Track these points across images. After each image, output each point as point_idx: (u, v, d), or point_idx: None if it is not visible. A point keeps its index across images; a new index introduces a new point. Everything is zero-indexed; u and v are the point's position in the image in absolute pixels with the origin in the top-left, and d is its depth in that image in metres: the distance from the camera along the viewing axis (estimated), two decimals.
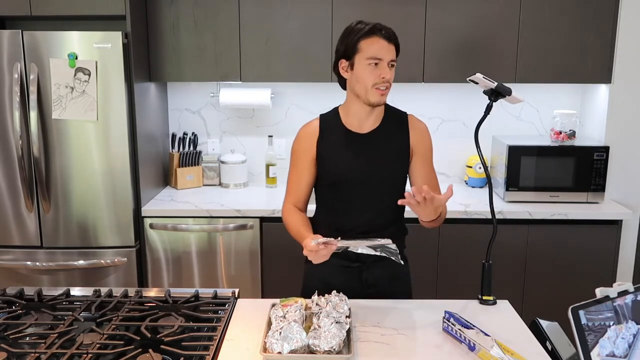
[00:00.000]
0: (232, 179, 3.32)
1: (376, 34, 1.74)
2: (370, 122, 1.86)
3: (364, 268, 1.89)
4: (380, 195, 1.86)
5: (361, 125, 1.86)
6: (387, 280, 1.90)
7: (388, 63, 1.76)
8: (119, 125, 2.77)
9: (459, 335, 1.53)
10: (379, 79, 1.75)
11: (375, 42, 1.74)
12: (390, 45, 1.75)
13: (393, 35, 1.77)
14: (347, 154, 1.85)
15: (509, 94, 1.82)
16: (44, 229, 2.86)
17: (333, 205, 1.91)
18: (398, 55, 1.80)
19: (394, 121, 1.89)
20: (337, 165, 1.85)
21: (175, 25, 3.00)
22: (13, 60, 2.69)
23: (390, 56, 1.76)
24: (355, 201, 1.87)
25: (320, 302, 1.60)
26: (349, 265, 1.88)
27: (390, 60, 1.76)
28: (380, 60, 1.74)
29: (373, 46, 1.74)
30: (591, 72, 3.02)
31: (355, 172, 1.84)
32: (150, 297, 1.80)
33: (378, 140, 1.86)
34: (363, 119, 1.85)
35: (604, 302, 1.21)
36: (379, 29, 1.75)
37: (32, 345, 1.50)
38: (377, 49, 1.74)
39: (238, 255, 2.95)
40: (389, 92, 1.80)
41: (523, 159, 2.97)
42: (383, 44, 1.74)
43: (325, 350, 1.42)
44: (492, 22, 2.98)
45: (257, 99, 3.20)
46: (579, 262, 2.91)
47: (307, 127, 1.92)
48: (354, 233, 1.82)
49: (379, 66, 1.74)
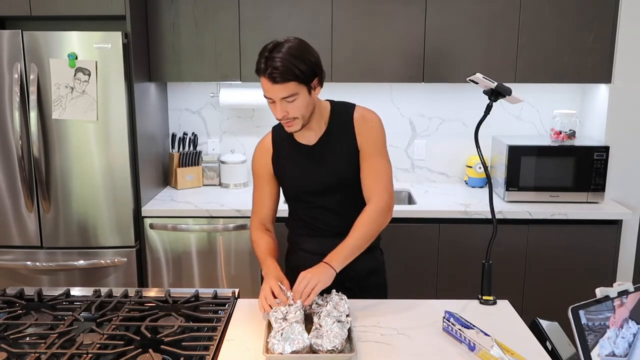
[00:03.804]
0: (232, 179, 3.31)
1: (261, 74, 1.66)
2: (313, 134, 1.85)
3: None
4: (343, 200, 1.87)
5: (307, 139, 1.86)
6: (364, 274, 1.92)
7: (280, 102, 1.68)
8: (119, 125, 2.77)
9: (459, 335, 1.53)
10: (279, 115, 1.72)
11: (263, 82, 1.67)
12: (276, 85, 1.64)
13: (282, 74, 1.62)
14: (300, 168, 1.87)
15: (509, 94, 1.82)
16: (44, 229, 2.86)
17: (302, 213, 1.94)
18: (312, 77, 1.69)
19: (339, 124, 1.85)
20: (294, 179, 1.88)
21: (175, 25, 3.00)
22: (13, 60, 2.69)
23: (278, 94, 1.66)
24: (321, 209, 1.89)
25: (320, 301, 1.59)
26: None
27: (280, 98, 1.66)
28: (271, 99, 1.69)
29: (264, 86, 1.68)
30: (591, 72, 3.02)
31: (312, 184, 1.86)
32: (150, 297, 1.80)
33: (326, 150, 1.85)
34: (303, 134, 1.84)
35: (604, 302, 1.21)
36: (264, 69, 1.64)
37: (32, 346, 1.50)
38: (266, 90, 1.68)
39: (238, 255, 2.95)
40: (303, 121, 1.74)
41: (523, 159, 2.97)
42: (268, 86, 1.66)
43: (328, 350, 1.42)
44: (492, 22, 2.98)
45: (257, 99, 3.20)
46: (579, 262, 2.91)
47: (261, 145, 1.94)
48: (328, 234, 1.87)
49: (274, 104, 1.70)
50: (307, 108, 1.73)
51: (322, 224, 1.91)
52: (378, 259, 2.00)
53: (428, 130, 3.42)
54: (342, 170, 1.85)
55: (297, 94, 1.68)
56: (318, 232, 1.91)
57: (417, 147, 3.43)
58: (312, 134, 1.85)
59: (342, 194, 1.87)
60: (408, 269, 2.87)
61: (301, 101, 1.70)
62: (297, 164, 1.87)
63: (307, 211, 1.92)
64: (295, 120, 1.73)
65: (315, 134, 1.85)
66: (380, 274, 2.01)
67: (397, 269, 2.66)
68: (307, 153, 1.86)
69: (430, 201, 3.04)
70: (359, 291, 1.88)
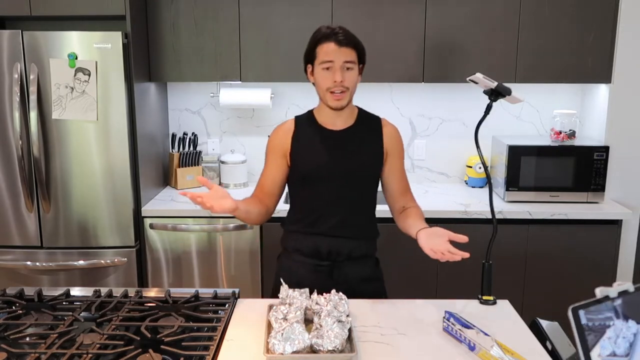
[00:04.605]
0: (232, 179, 3.32)
1: (329, 39, 1.77)
2: (342, 121, 1.90)
3: (335, 266, 1.90)
4: (351, 193, 1.89)
5: (334, 123, 1.90)
6: (356, 281, 1.91)
7: (342, 66, 1.77)
8: (119, 125, 2.77)
9: (459, 335, 1.53)
10: (331, 82, 1.78)
11: (328, 47, 1.78)
12: (342, 48, 1.77)
13: (348, 38, 1.78)
14: (320, 149, 1.88)
15: (509, 94, 1.82)
16: (44, 229, 2.86)
17: (303, 205, 1.93)
18: (364, 61, 1.85)
19: (367, 123, 1.93)
20: (309, 159, 1.88)
21: (175, 25, 3.00)
22: (13, 60, 2.69)
23: (342, 58, 1.77)
24: (325, 199, 1.88)
25: (321, 301, 1.60)
26: (320, 264, 1.90)
27: (343, 61, 1.77)
28: (332, 62, 1.77)
29: (325, 51, 1.78)
30: (591, 72, 3.02)
31: (327, 167, 1.87)
32: (150, 297, 1.80)
33: (352, 138, 1.89)
34: (333, 118, 1.89)
35: (604, 302, 1.21)
36: (334, 34, 1.77)
37: (32, 346, 1.50)
38: (327, 53, 1.78)
39: (238, 255, 2.95)
40: (349, 96, 1.82)
41: (523, 159, 2.97)
42: (334, 48, 1.77)
43: (329, 350, 1.42)
44: (492, 22, 2.98)
45: (257, 99, 3.20)
46: (579, 262, 2.91)
47: (281, 126, 1.97)
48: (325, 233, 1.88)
49: (331, 70, 1.78)
50: (355, 85, 1.83)
51: (320, 220, 1.89)
52: (372, 267, 1.99)
53: (428, 130, 3.42)
54: (364, 160, 1.89)
55: (354, 64, 1.80)
56: (314, 230, 1.89)
57: (417, 147, 3.43)
58: (341, 121, 1.89)
59: (352, 187, 1.88)
60: (408, 269, 2.86)
61: (354, 74, 1.82)
62: (318, 145, 1.89)
63: (310, 201, 1.91)
64: (346, 92, 1.80)
65: (343, 121, 1.89)
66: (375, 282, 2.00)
67: (397, 269, 2.66)
68: (331, 137, 1.89)
69: (430, 201, 3.04)
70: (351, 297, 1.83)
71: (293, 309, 1.54)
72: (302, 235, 1.93)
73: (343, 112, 1.88)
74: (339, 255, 1.89)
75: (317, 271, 1.90)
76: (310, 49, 1.82)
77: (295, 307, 1.55)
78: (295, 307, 1.55)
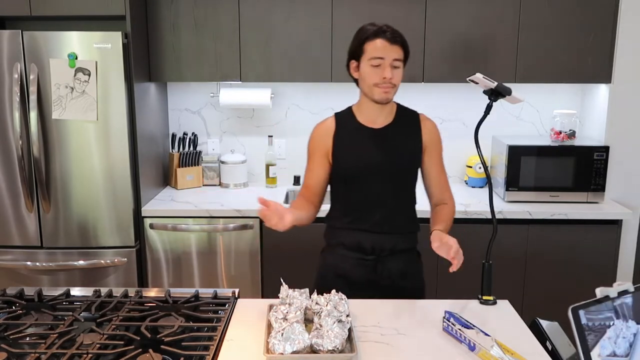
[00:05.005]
0: (232, 179, 3.31)
1: (379, 36, 1.80)
2: (382, 118, 1.92)
3: (379, 261, 1.94)
4: (392, 190, 1.92)
5: (374, 121, 1.92)
6: (398, 275, 1.95)
7: (390, 63, 1.79)
8: (119, 125, 2.77)
9: (459, 335, 1.53)
10: (379, 78, 1.80)
11: (378, 43, 1.80)
12: (392, 45, 1.79)
13: (398, 37, 1.81)
14: (361, 147, 1.91)
15: (509, 94, 1.82)
16: (44, 229, 2.86)
17: (346, 202, 1.96)
18: (407, 58, 1.86)
19: (406, 119, 1.96)
20: (351, 158, 1.92)
21: (175, 25, 3.00)
22: (13, 60, 2.69)
23: (392, 55, 1.79)
24: (367, 197, 1.92)
25: (321, 301, 1.60)
26: (364, 258, 1.94)
27: (392, 59, 1.80)
28: (382, 59, 1.79)
29: (375, 47, 1.80)
30: (591, 72, 3.02)
31: (369, 165, 1.90)
32: (150, 297, 1.80)
33: (391, 135, 1.92)
34: (375, 115, 1.91)
35: (604, 302, 1.21)
36: (383, 31, 1.80)
37: (32, 346, 1.50)
38: (377, 49, 1.80)
39: (238, 255, 2.95)
40: (395, 92, 1.85)
41: (523, 159, 2.97)
42: (385, 45, 1.79)
43: (329, 350, 1.42)
44: (492, 22, 2.98)
45: (257, 99, 3.20)
46: (579, 262, 2.91)
47: (322, 124, 1.99)
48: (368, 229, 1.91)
49: (380, 66, 1.80)
50: (400, 82, 1.85)
51: (363, 217, 1.92)
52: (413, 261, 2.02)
53: None
54: (404, 156, 1.92)
55: (401, 62, 1.83)
56: (357, 226, 1.93)
57: None
58: (382, 118, 1.92)
59: (393, 184, 1.91)
60: None
61: (401, 72, 1.85)
62: (360, 143, 1.91)
63: (352, 199, 1.94)
64: (394, 88, 1.84)
65: (384, 118, 1.92)
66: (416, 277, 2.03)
67: None
68: (371, 134, 1.91)
69: None
70: (392, 292, 1.91)
71: (293, 309, 1.54)
72: (345, 231, 1.96)
73: (384, 108, 1.90)
74: (382, 250, 1.92)
75: (361, 265, 1.94)
76: (358, 45, 1.84)
77: (295, 307, 1.55)
78: (295, 307, 1.55)
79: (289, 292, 1.63)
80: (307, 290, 1.64)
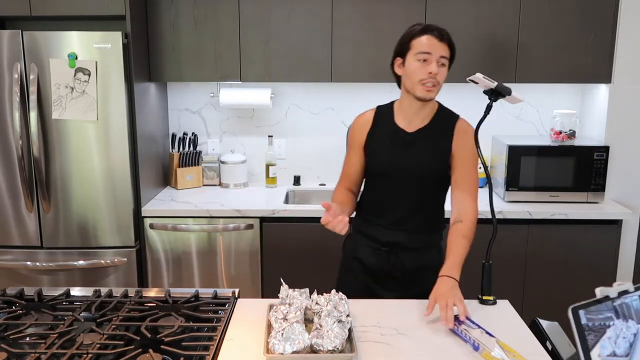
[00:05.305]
0: (232, 179, 3.31)
1: (427, 32, 1.82)
2: (419, 119, 1.93)
3: (392, 252, 1.96)
4: (413, 194, 1.93)
5: (410, 122, 1.93)
6: (413, 268, 1.97)
7: (437, 60, 1.81)
8: (119, 125, 2.77)
9: (464, 335, 1.53)
10: (425, 74, 1.81)
11: (426, 39, 1.82)
12: (440, 43, 1.81)
13: (446, 35, 1.83)
14: (388, 150, 1.93)
15: (509, 94, 1.82)
16: (44, 229, 2.86)
17: (370, 196, 2.02)
18: (454, 59, 1.87)
19: (442, 123, 1.95)
20: (377, 158, 1.95)
21: (175, 25, 3.00)
22: (13, 60, 2.69)
23: (439, 52, 1.81)
24: (387, 196, 1.95)
25: (321, 301, 1.59)
26: (379, 248, 1.98)
27: (439, 55, 1.81)
28: (429, 55, 1.81)
29: (422, 43, 1.82)
30: (591, 72, 3.02)
31: (390, 168, 1.93)
32: (150, 297, 1.80)
33: (421, 140, 1.92)
34: (413, 114, 1.92)
35: (604, 302, 1.21)
36: (431, 29, 1.82)
37: (32, 346, 1.50)
38: (425, 45, 1.81)
39: (238, 255, 2.95)
40: (438, 91, 1.86)
41: (523, 159, 2.97)
42: (433, 41, 1.81)
43: (329, 350, 1.42)
44: (492, 22, 2.98)
45: (257, 99, 3.20)
46: (579, 262, 2.91)
47: (362, 116, 2.02)
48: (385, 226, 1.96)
49: (427, 62, 1.81)
50: (443, 81, 1.85)
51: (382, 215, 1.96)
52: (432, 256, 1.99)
53: None
54: (429, 162, 1.92)
55: (447, 60, 1.84)
56: (376, 221, 1.97)
57: None
58: (419, 119, 1.93)
59: (414, 188, 1.93)
60: None
61: (446, 71, 1.85)
62: (388, 145, 1.94)
63: (374, 195, 1.99)
64: (437, 86, 1.84)
65: (421, 120, 1.93)
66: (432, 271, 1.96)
67: None
68: (402, 137, 1.93)
69: None
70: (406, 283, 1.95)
71: (293, 309, 1.54)
72: (365, 222, 2.01)
73: (424, 108, 1.91)
74: (397, 244, 1.95)
75: (375, 254, 1.98)
76: (405, 42, 1.85)
77: (295, 307, 1.55)
78: (295, 307, 1.55)
79: (289, 292, 1.62)
80: (307, 290, 1.64)
